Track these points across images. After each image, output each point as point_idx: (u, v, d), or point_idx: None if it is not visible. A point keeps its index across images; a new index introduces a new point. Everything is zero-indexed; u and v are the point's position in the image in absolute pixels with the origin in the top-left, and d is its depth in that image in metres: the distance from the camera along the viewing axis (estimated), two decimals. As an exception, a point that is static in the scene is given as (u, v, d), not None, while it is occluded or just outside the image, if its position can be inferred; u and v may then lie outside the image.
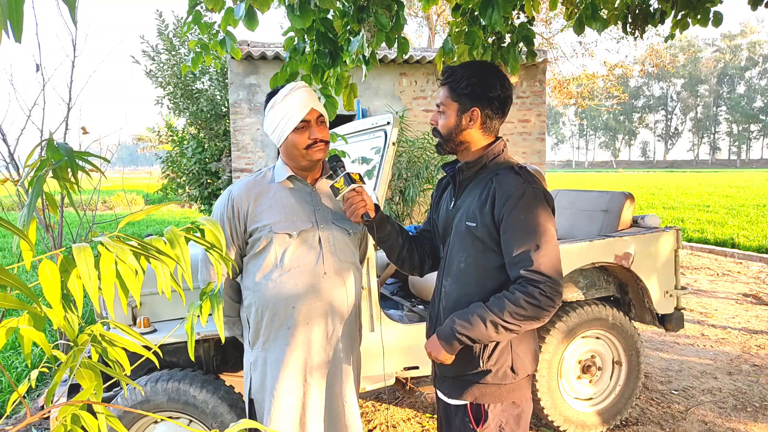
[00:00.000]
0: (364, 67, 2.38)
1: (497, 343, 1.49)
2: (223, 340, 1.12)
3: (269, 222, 1.70)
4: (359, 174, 1.68)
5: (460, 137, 1.55)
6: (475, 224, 1.49)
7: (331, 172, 1.74)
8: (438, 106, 1.58)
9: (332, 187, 1.67)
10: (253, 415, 1.81)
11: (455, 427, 1.58)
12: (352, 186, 1.64)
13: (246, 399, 1.83)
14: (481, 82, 1.49)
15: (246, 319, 1.79)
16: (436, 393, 1.70)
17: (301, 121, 1.68)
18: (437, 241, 1.76)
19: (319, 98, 1.79)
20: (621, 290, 3.18)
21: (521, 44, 2.75)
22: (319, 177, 1.83)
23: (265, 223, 1.70)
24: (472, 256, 1.51)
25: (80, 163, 0.73)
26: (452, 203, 1.63)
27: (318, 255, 1.73)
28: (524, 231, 1.41)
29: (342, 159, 1.76)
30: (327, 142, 1.75)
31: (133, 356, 2.04)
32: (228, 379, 2.46)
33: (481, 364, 1.50)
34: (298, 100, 1.69)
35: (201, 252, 1.83)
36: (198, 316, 0.87)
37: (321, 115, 1.75)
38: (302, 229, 1.71)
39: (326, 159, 1.77)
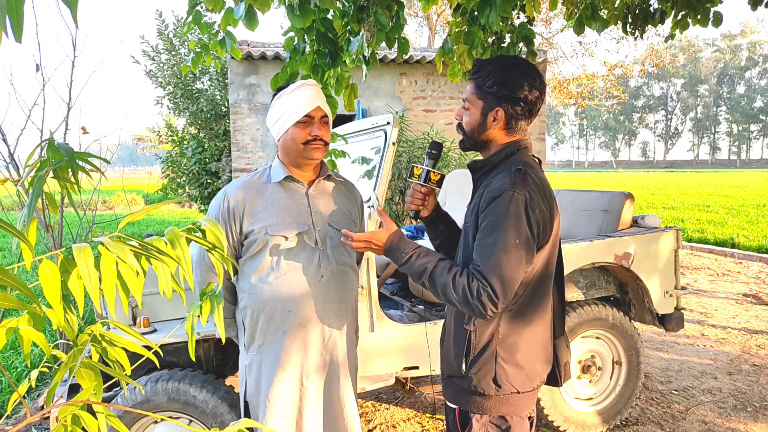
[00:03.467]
0: (364, 67, 2.38)
1: (481, 352, 1.45)
2: (223, 341, 1.12)
3: (265, 224, 1.68)
4: (441, 176, 1.63)
5: (483, 136, 1.51)
6: (469, 224, 1.48)
7: (426, 156, 1.68)
8: (464, 101, 1.54)
9: (412, 169, 1.64)
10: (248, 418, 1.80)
11: (448, 428, 1.60)
12: (423, 183, 1.62)
13: (242, 402, 1.81)
14: (506, 82, 1.43)
15: (241, 322, 1.78)
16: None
17: (305, 116, 1.67)
18: None
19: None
20: (621, 290, 3.18)
21: (521, 44, 2.75)
22: (316, 178, 1.81)
23: (261, 225, 1.68)
24: (464, 256, 1.49)
25: (80, 163, 0.73)
26: (469, 202, 1.63)
27: (315, 257, 1.72)
28: (483, 233, 1.37)
29: (440, 153, 1.68)
30: (327, 143, 1.74)
31: (133, 356, 2.04)
32: (228, 379, 2.46)
33: (463, 370, 1.46)
34: (306, 95, 1.68)
35: (196, 253, 1.81)
36: (198, 316, 0.87)
37: (325, 116, 1.73)
38: (299, 232, 1.70)
39: (429, 146, 1.69)
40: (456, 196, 3.48)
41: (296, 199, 1.75)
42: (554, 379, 1.61)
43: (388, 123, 2.45)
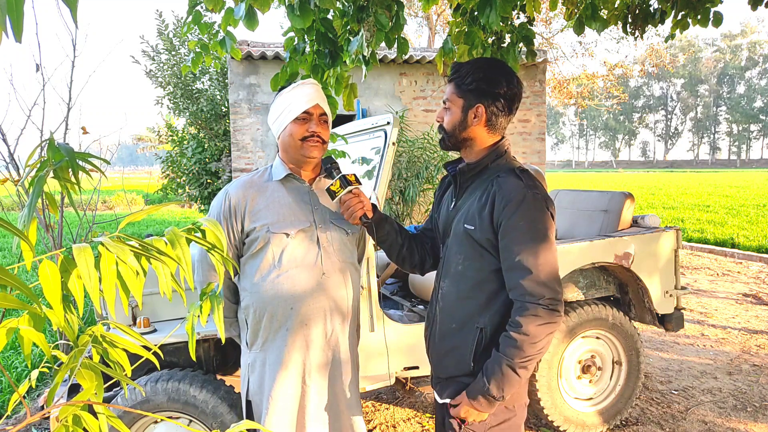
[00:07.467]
0: (363, 67, 2.38)
1: (487, 347, 1.47)
2: (223, 341, 1.12)
3: (267, 222, 1.69)
4: (355, 175, 1.66)
5: (464, 134, 1.53)
6: (473, 227, 1.48)
7: (326, 174, 1.73)
8: (444, 102, 1.57)
9: (328, 189, 1.65)
10: (251, 417, 1.80)
11: (448, 427, 1.59)
12: (349, 188, 1.63)
13: (243, 401, 1.82)
14: (486, 78, 1.48)
15: (244, 320, 1.78)
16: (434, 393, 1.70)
17: (304, 112, 1.68)
18: (438, 240, 1.76)
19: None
20: (621, 290, 3.18)
21: (521, 44, 2.75)
22: (316, 176, 1.81)
23: (262, 223, 1.69)
24: (469, 258, 1.50)
25: (81, 163, 0.73)
26: (453, 204, 1.62)
27: (316, 255, 1.72)
28: (524, 237, 1.40)
29: (336, 161, 1.72)
30: (325, 142, 1.74)
31: (133, 356, 2.04)
32: (228, 379, 2.46)
33: (471, 366, 1.49)
34: (305, 93, 1.69)
35: (197, 253, 1.82)
36: (198, 316, 0.87)
37: (324, 114, 1.74)
38: (300, 229, 1.70)
39: (323, 163, 1.75)
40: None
41: (298, 196, 1.75)
42: None
43: (388, 123, 2.45)
